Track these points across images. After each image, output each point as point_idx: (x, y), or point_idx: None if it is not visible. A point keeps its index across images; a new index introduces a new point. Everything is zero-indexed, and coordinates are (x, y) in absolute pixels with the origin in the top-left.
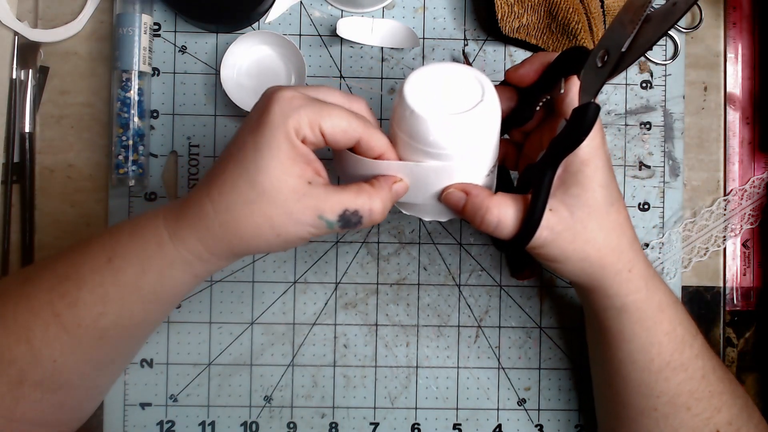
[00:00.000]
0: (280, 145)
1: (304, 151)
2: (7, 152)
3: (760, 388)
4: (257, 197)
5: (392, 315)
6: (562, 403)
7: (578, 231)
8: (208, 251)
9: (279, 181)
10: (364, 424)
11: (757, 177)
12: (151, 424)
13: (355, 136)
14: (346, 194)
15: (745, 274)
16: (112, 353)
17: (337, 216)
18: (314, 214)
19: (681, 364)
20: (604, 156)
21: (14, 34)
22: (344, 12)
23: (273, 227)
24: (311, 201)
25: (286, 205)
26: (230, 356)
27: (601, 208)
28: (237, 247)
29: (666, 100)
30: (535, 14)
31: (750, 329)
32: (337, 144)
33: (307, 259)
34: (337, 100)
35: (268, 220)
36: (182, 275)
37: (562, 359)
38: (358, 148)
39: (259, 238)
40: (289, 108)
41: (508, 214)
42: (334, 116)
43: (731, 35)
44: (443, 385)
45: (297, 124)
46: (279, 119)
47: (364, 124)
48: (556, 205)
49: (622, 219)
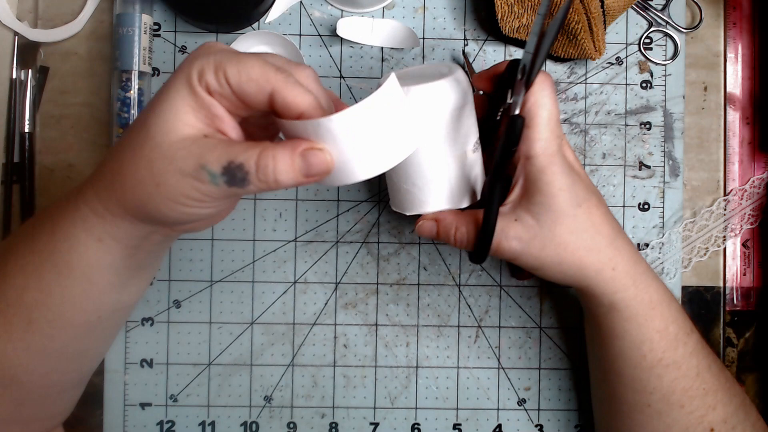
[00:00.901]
0: (179, 89)
1: (206, 101)
2: (7, 152)
3: (760, 388)
4: (143, 141)
5: (392, 315)
6: (562, 403)
7: (547, 237)
8: (102, 205)
9: (168, 126)
10: (364, 424)
11: (757, 177)
12: (151, 424)
13: (267, 89)
14: (236, 146)
15: (745, 274)
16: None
17: (221, 167)
18: (197, 163)
19: (674, 362)
20: (562, 160)
21: (14, 34)
22: (344, 12)
23: (153, 174)
24: (197, 149)
25: (170, 151)
26: (230, 356)
27: (566, 211)
28: (123, 199)
29: (666, 100)
30: (535, 14)
31: (750, 329)
32: (246, 96)
33: (307, 259)
34: (276, 61)
35: (150, 165)
36: (85, 237)
37: (562, 359)
38: (276, 106)
39: (139, 188)
40: (200, 54)
41: (472, 230)
42: (244, 63)
43: (731, 35)
44: (443, 385)
45: (201, 68)
46: (186, 63)
47: (282, 76)
48: (522, 214)
49: (596, 218)
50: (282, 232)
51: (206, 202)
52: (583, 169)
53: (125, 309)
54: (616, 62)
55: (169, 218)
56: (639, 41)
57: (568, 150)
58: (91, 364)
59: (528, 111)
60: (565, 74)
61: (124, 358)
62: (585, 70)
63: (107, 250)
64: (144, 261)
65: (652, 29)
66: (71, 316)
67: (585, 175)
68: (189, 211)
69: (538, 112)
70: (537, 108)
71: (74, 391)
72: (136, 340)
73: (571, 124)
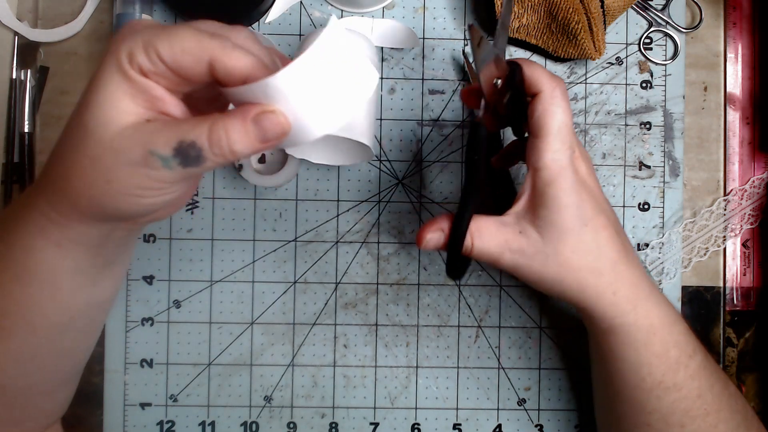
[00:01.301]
0: (111, 77)
1: (143, 84)
2: (7, 152)
3: (760, 388)
4: (83, 138)
5: (392, 315)
6: (562, 403)
7: (550, 254)
8: (54, 210)
9: (106, 118)
10: (364, 424)
11: (757, 177)
12: (151, 424)
13: (204, 58)
14: (184, 124)
15: (745, 274)
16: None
17: (171, 149)
18: (144, 150)
19: (674, 385)
20: (572, 174)
21: (14, 34)
22: (344, 12)
23: (101, 171)
24: (142, 136)
25: (113, 145)
26: (230, 356)
27: (572, 228)
28: (77, 202)
29: (666, 100)
30: (535, 14)
31: (750, 329)
32: (184, 71)
33: (307, 259)
34: (208, 27)
35: (95, 162)
36: (43, 244)
37: (562, 359)
38: (217, 75)
39: (90, 188)
40: (126, 35)
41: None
42: (174, 35)
43: (731, 35)
44: (443, 385)
45: (130, 49)
46: (112, 47)
47: (217, 42)
48: (526, 227)
49: (602, 238)
50: (282, 232)
51: (163, 189)
52: (596, 184)
53: (101, 304)
54: (616, 62)
55: (127, 213)
56: (639, 41)
57: (581, 163)
58: (76, 362)
59: (537, 120)
60: (565, 74)
61: (124, 358)
62: (585, 70)
63: (69, 254)
64: (111, 257)
65: (652, 29)
66: (41, 320)
67: (598, 191)
68: (147, 202)
69: (548, 122)
70: (547, 117)
71: (65, 389)
72: (136, 340)
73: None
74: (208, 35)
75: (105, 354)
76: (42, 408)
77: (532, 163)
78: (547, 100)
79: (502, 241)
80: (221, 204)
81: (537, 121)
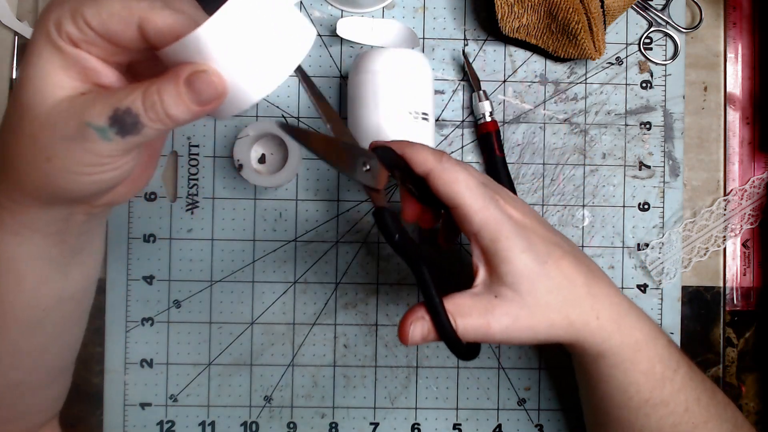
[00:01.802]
0: (41, 50)
1: (74, 55)
2: None
3: (760, 388)
4: (21, 117)
5: (392, 315)
6: (562, 403)
7: (532, 304)
8: (3, 196)
9: (40, 93)
10: (364, 424)
11: (757, 177)
12: (151, 424)
13: (134, 21)
14: (118, 92)
15: (745, 274)
16: None
17: (106, 119)
18: (79, 122)
19: (661, 401)
20: (509, 222)
21: (14, 34)
22: (344, 12)
23: (40, 149)
24: (76, 108)
25: (49, 120)
26: (230, 356)
27: (536, 270)
28: (21, 183)
29: (666, 100)
30: (535, 14)
31: (750, 329)
32: (114, 36)
33: (307, 259)
34: None
35: (33, 140)
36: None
37: (562, 359)
38: (149, 38)
39: (31, 168)
40: (54, 4)
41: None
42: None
43: (731, 35)
44: (443, 385)
45: (57, 19)
46: (41, 17)
47: (146, 2)
48: (499, 289)
49: (566, 269)
50: (282, 232)
51: (106, 164)
52: (534, 219)
53: (77, 296)
54: (616, 62)
55: (75, 192)
56: (639, 41)
57: (509, 206)
58: (60, 358)
59: (444, 194)
60: (565, 74)
61: (124, 358)
62: (585, 70)
63: (28, 242)
64: (77, 245)
65: (652, 29)
66: (12, 314)
67: (540, 226)
68: (92, 179)
69: (453, 190)
70: (450, 186)
71: (55, 386)
72: (136, 340)
73: (571, 124)
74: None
75: (105, 354)
76: (32, 405)
77: (468, 232)
78: (440, 174)
79: (482, 310)
80: (221, 204)
81: (445, 195)
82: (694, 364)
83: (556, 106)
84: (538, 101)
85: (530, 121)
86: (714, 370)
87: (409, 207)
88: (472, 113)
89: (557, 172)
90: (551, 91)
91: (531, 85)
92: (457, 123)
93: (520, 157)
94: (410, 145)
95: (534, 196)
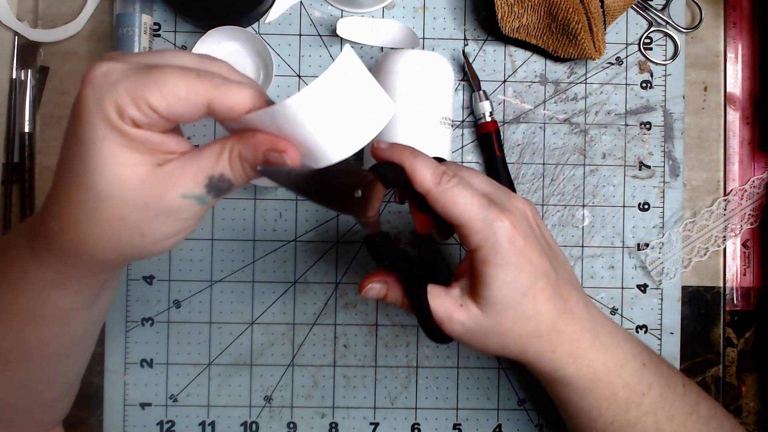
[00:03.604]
0: (104, 136)
1: (140, 137)
2: (7, 152)
3: (760, 388)
4: (99, 203)
5: (392, 315)
6: None
7: (491, 327)
8: (74, 268)
9: (117, 176)
10: (364, 424)
11: (757, 177)
12: (151, 424)
13: (201, 102)
14: (204, 159)
15: (745, 274)
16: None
17: (203, 187)
18: (176, 196)
19: (627, 423)
20: (505, 248)
21: (14, 34)
22: (344, 12)
23: (133, 229)
24: (167, 182)
25: (137, 200)
26: (230, 356)
27: (510, 302)
28: (105, 259)
29: (666, 100)
30: (535, 14)
31: (750, 329)
32: (182, 118)
33: (307, 259)
34: (186, 62)
35: (123, 223)
36: (61, 294)
37: None
38: (217, 114)
39: (123, 246)
40: (103, 87)
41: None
42: (163, 84)
43: (731, 35)
44: (443, 385)
45: (116, 105)
46: (93, 105)
47: (210, 81)
48: (467, 302)
49: (540, 304)
50: (282, 232)
51: (193, 221)
52: (532, 240)
53: (101, 318)
54: (616, 62)
55: (155, 254)
56: (639, 41)
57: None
58: (77, 375)
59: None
60: (565, 74)
61: (124, 358)
62: (585, 70)
63: (85, 296)
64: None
65: (652, 29)
66: (48, 350)
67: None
68: (179, 239)
69: (451, 212)
70: (447, 210)
71: (67, 398)
72: (136, 340)
73: (571, 124)
74: (196, 76)
75: (105, 354)
76: (45, 419)
77: (466, 246)
78: (438, 197)
79: (448, 306)
80: (221, 204)
81: (444, 216)
82: (682, 377)
83: (556, 106)
84: (538, 101)
85: (530, 121)
86: (714, 370)
87: (419, 220)
88: (472, 113)
89: (557, 172)
90: (551, 91)
91: (531, 85)
92: (457, 123)
93: (520, 157)
94: (412, 157)
95: (534, 196)
